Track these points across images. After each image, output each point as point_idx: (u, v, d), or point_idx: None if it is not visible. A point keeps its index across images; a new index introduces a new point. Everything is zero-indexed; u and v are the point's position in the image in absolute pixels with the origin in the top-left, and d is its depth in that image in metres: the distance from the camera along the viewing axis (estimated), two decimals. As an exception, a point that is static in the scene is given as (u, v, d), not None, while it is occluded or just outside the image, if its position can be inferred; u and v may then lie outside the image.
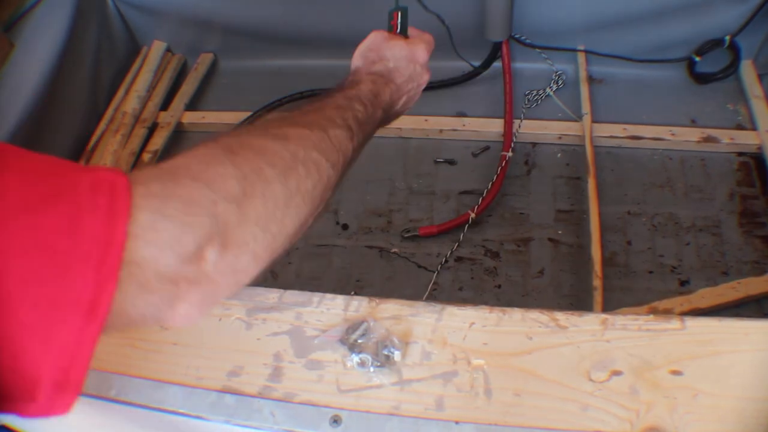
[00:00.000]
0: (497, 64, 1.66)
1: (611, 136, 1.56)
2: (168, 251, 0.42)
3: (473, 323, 0.63)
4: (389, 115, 0.75)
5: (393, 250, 1.46)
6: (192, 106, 1.82)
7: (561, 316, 0.63)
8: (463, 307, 0.65)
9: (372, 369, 0.61)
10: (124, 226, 0.40)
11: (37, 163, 0.40)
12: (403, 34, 0.82)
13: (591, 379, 0.59)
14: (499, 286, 1.38)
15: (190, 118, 1.77)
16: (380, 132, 1.95)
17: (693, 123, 1.60)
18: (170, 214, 0.43)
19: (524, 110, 1.65)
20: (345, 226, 1.51)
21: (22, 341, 0.36)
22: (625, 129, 1.56)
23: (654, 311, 1.23)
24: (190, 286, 0.44)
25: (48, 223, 0.37)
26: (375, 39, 0.79)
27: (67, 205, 0.39)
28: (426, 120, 1.64)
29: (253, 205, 0.48)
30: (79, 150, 1.65)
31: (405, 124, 1.64)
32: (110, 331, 0.40)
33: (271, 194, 0.49)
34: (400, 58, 0.77)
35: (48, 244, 0.37)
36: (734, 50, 1.62)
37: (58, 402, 0.39)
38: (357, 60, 0.78)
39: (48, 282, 0.37)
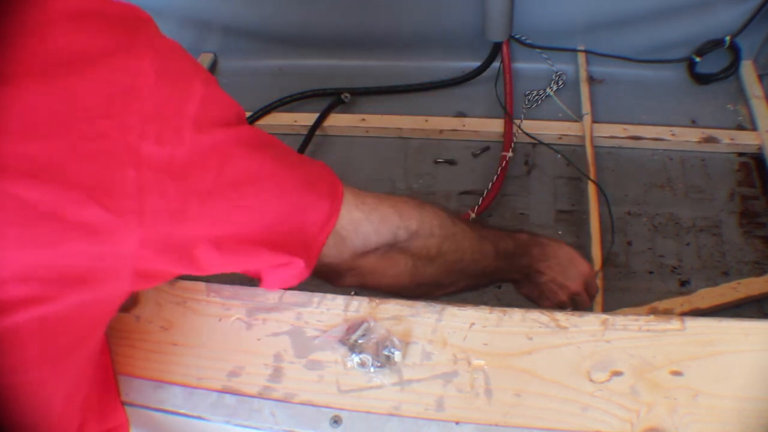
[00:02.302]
0: (497, 64, 1.66)
1: (611, 137, 1.56)
2: (360, 240, 0.64)
3: (473, 323, 0.63)
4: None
5: (393, 250, 1.46)
6: (192, 106, 1.81)
7: (561, 317, 0.63)
8: (463, 308, 0.64)
9: (372, 369, 0.61)
10: (341, 196, 0.62)
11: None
12: None
13: (591, 380, 0.59)
14: (500, 287, 1.37)
15: (190, 118, 1.77)
16: (380, 132, 1.94)
17: (693, 123, 1.60)
18: (371, 221, 0.64)
19: (524, 110, 1.65)
20: (345, 226, 1.51)
21: (294, 200, 0.57)
22: (625, 129, 1.56)
23: (654, 311, 1.23)
24: (354, 271, 0.68)
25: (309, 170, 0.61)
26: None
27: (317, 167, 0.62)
28: (426, 120, 1.64)
29: (415, 241, 0.69)
30: (79, 150, 1.65)
31: (405, 124, 1.64)
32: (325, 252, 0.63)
33: (429, 242, 0.70)
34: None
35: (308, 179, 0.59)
36: (734, 50, 1.62)
37: (307, 263, 0.61)
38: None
39: (309, 184, 0.59)
